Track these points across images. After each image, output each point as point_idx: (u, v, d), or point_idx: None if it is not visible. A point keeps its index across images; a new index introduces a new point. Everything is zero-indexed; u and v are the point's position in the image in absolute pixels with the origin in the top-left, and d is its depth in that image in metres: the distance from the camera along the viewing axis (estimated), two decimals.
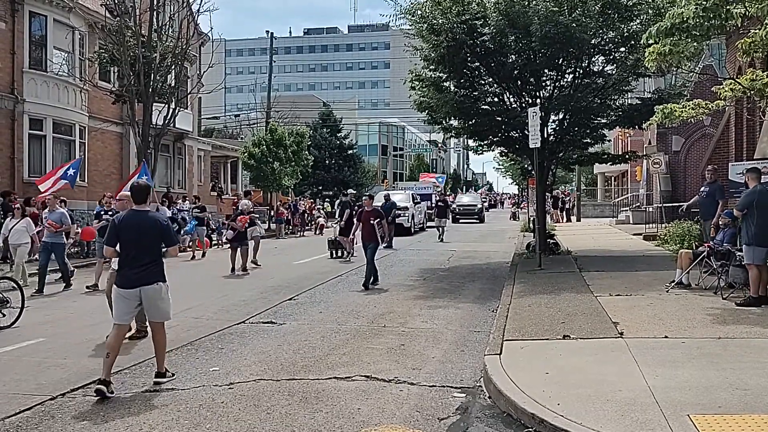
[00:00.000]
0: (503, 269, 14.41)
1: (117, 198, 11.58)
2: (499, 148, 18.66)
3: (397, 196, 28.24)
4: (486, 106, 15.83)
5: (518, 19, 13.33)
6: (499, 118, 15.69)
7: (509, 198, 72.52)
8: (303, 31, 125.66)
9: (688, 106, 11.38)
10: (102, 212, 17.96)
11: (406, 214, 26.82)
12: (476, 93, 15.54)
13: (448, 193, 60.83)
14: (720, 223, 10.05)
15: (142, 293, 5.95)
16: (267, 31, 44.06)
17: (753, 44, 9.32)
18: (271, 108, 40.11)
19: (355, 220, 13.62)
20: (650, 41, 9.11)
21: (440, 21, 13.55)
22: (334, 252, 17.76)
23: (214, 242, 22.75)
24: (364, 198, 13.35)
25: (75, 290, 12.31)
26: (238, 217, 15.09)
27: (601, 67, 15.55)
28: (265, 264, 15.80)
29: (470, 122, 16.01)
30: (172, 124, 22.30)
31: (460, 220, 38.10)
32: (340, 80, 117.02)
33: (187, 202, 24.53)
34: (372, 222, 12.10)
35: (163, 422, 5.05)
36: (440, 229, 24.42)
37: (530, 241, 17.41)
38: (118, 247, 6.08)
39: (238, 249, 14.66)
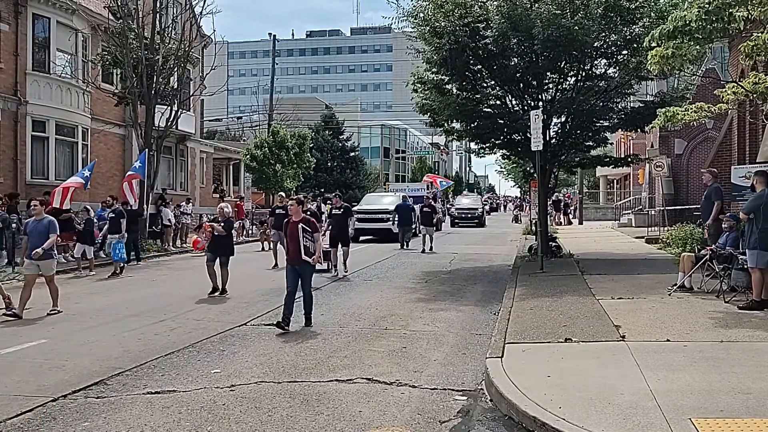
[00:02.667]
0: (505, 272, 14.40)
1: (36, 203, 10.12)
2: (501, 151, 18.67)
3: (386, 199, 27.28)
4: (488, 109, 15.85)
5: (521, 22, 13.34)
6: (501, 121, 15.70)
7: (512, 201, 72.17)
8: (305, 33, 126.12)
9: (691, 109, 11.39)
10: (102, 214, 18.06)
11: (396, 218, 24.13)
12: (478, 96, 15.55)
13: (449, 195, 60.25)
14: (723, 225, 10.02)
15: None
16: (269, 34, 44.39)
17: (756, 47, 9.34)
18: (273, 110, 40.20)
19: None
20: (653, 44, 9.12)
21: (442, 24, 13.56)
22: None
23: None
24: (289, 204, 9.80)
25: (76, 292, 12.32)
26: (204, 225, 12.73)
27: (603, 70, 15.56)
28: (266, 265, 15.81)
29: (472, 125, 16.02)
30: (174, 126, 22.34)
31: (459, 224, 36.40)
32: (343, 83, 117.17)
33: (191, 204, 24.48)
34: (299, 236, 8.66)
35: (165, 424, 5.05)
36: (426, 238, 20.53)
37: (532, 243, 17.41)
38: None
39: (216, 263, 11.50)
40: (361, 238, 24.42)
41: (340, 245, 14.50)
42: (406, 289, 12.18)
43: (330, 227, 14.57)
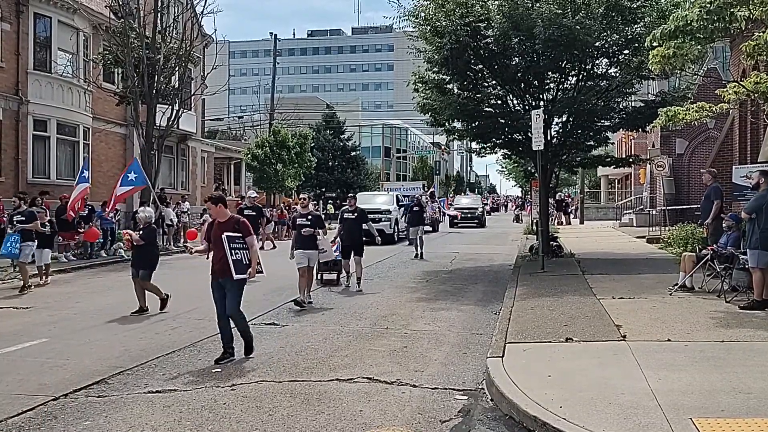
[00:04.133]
0: (506, 272, 14.40)
1: None
2: (502, 151, 18.65)
3: (379, 198, 26.89)
4: (489, 109, 15.83)
5: (522, 22, 13.33)
6: (503, 121, 15.69)
7: (513, 201, 72.08)
8: (306, 33, 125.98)
9: (692, 108, 11.37)
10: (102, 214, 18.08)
11: (389, 219, 23.80)
12: (479, 95, 15.54)
13: (448, 194, 59.98)
14: (724, 225, 10.01)
15: None
16: (271, 33, 44.23)
17: (757, 47, 9.32)
18: (274, 110, 40.18)
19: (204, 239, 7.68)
20: (654, 44, 9.12)
21: (444, 23, 13.56)
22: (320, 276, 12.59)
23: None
24: (207, 204, 8.04)
25: (77, 291, 12.34)
26: (124, 232, 10.96)
27: (604, 70, 15.54)
28: (267, 265, 15.78)
29: (473, 124, 16.01)
30: (175, 126, 22.36)
31: (459, 225, 35.88)
32: (344, 82, 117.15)
33: (186, 202, 24.47)
34: (223, 241, 6.82)
35: (165, 423, 5.05)
36: (417, 241, 18.41)
37: (533, 243, 17.39)
38: None
39: (140, 278, 9.86)
40: None
41: (352, 254, 12.21)
42: (407, 289, 12.18)
43: (340, 233, 12.41)
